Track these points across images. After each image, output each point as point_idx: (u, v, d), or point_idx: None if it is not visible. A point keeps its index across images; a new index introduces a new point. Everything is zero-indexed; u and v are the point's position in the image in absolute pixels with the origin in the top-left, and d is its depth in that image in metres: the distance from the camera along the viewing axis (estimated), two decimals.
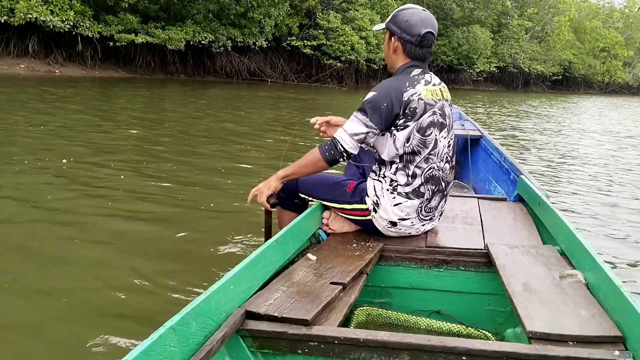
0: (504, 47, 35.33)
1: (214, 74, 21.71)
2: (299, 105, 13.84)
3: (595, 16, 50.77)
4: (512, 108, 17.89)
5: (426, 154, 2.18)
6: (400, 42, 2.22)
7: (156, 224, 3.55)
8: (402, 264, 2.15)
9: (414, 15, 2.20)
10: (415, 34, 2.18)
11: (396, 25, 2.22)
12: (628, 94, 48.41)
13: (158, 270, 2.81)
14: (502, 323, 2.07)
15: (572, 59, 41.49)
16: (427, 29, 2.18)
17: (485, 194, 3.63)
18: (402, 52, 2.23)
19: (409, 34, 2.19)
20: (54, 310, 2.36)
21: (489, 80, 35.59)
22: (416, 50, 2.21)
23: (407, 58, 2.24)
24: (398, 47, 2.23)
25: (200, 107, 11.18)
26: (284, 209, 2.49)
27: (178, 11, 19.27)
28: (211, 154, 6.17)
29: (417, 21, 2.18)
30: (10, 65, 16.36)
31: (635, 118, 18.52)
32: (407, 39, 2.20)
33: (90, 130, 7.08)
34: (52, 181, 4.42)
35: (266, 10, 20.16)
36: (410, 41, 2.19)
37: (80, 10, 16.52)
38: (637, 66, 50.08)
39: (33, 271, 2.73)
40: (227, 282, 1.54)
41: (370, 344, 1.44)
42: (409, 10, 2.23)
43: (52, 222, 3.45)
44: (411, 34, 2.19)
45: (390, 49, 2.27)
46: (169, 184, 4.58)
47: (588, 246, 1.86)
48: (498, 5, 33.90)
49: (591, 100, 30.14)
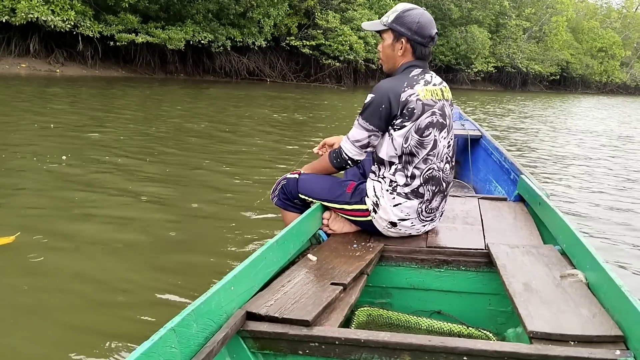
0: (502, 47, 35.34)
1: (213, 73, 21.75)
2: (300, 105, 13.83)
3: (593, 16, 50.73)
4: (505, 108, 17.91)
5: (425, 154, 2.17)
6: (411, 44, 2.18)
7: (155, 224, 3.52)
8: (402, 265, 2.14)
9: (423, 16, 2.18)
10: (427, 36, 2.17)
11: (405, 27, 2.18)
12: (625, 94, 48.39)
13: (157, 270, 2.79)
14: (503, 323, 2.07)
15: (569, 59, 41.48)
16: (434, 29, 2.18)
17: (485, 193, 3.63)
18: (411, 53, 2.21)
19: (421, 36, 2.17)
20: (52, 311, 2.34)
21: (487, 80, 35.60)
22: (425, 51, 2.21)
23: (411, 58, 2.22)
24: (408, 49, 2.20)
25: (199, 107, 11.16)
26: (286, 210, 2.50)
27: (178, 11, 19.30)
28: (210, 153, 6.15)
29: (427, 22, 2.17)
30: (11, 65, 16.41)
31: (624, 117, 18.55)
32: (419, 41, 2.17)
33: (89, 129, 7.07)
34: (50, 178, 4.41)
35: (265, 10, 20.19)
36: (421, 43, 2.18)
37: (81, 10, 16.58)
38: (634, 66, 50.03)
39: (30, 271, 2.70)
40: (228, 283, 1.53)
41: (371, 344, 1.44)
42: (416, 11, 2.19)
43: (51, 220, 3.42)
44: (423, 35, 2.17)
45: (396, 50, 2.22)
46: (168, 184, 4.55)
47: (589, 246, 1.85)
48: (496, 6, 33.88)
49: (586, 101, 30.11)
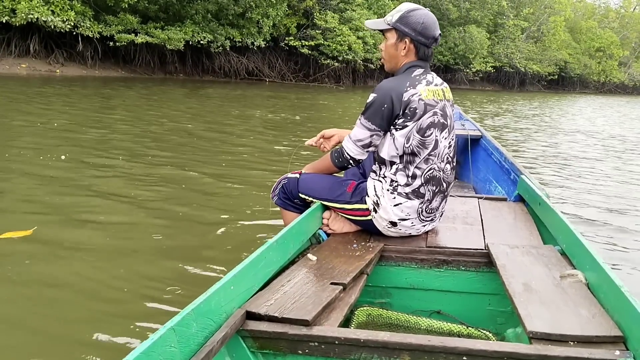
0: (500, 47, 35.44)
1: (212, 73, 21.78)
2: (297, 105, 13.85)
3: (591, 16, 50.89)
4: (505, 108, 17.95)
5: (426, 154, 2.17)
6: (414, 45, 2.18)
7: (154, 224, 3.52)
8: (402, 264, 2.14)
9: (427, 17, 2.18)
10: (431, 37, 2.17)
11: (409, 27, 2.17)
12: (624, 94, 48.53)
13: (157, 270, 2.78)
14: (503, 323, 2.07)
15: (567, 59, 41.59)
16: (438, 30, 2.18)
17: (485, 194, 3.62)
18: (414, 54, 2.20)
19: (424, 37, 2.16)
20: (52, 309, 2.33)
21: (486, 80, 35.70)
22: (427, 52, 2.20)
23: (415, 59, 2.22)
24: (411, 49, 2.20)
25: (198, 107, 11.18)
26: (285, 210, 2.50)
27: (177, 11, 19.34)
28: (208, 151, 6.14)
29: (431, 23, 2.17)
30: (11, 65, 16.46)
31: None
32: (423, 42, 2.17)
33: (88, 127, 7.07)
34: (49, 176, 4.42)
35: (264, 11, 20.24)
36: (425, 44, 2.18)
37: (81, 10, 16.64)
38: (632, 66, 50.19)
39: (30, 269, 2.69)
40: (228, 282, 1.53)
41: (370, 344, 1.44)
42: (421, 12, 2.19)
43: (50, 219, 3.41)
44: (427, 36, 2.16)
45: (399, 50, 2.22)
46: (167, 183, 4.55)
47: (588, 246, 1.85)
48: (494, 6, 33.99)
49: (583, 100, 30.15)
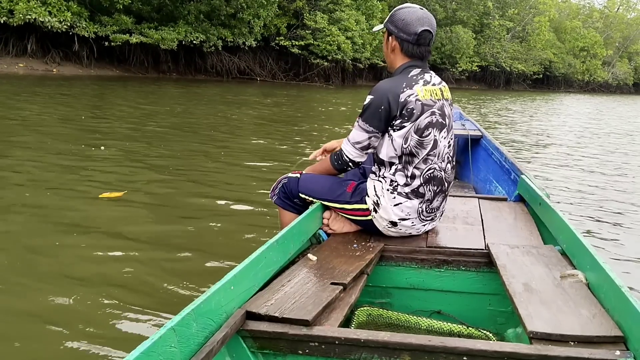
0: (486, 46, 35.92)
1: (205, 72, 22.09)
2: (288, 103, 13.96)
3: (576, 16, 51.41)
4: (492, 107, 18.13)
5: (425, 154, 2.16)
6: (398, 41, 2.20)
7: (153, 223, 3.51)
8: (402, 264, 2.13)
9: (411, 13, 2.18)
10: (412, 33, 2.16)
11: (393, 24, 2.21)
12: (607, 93, 49.10)
13: (157, 271, 2.78)
14: (503, 323, 2.06)
15: (552, 58, 42.10)
16: (423, 27, 2.16)
17: (485, 193, 3.61)
18: (400, 51, 2.22)
19: (405, 33, 2.17)
20: (52, 308, 2.32)
21: (472, 79, 36.13)
22: (414, 49, 2.19)
23: (405, 57, 2.22)
24: (396, 46, 2.22)
25: (192, 105, 11.20)
26: (284, 210, 2.48)
27: (170, 12, 19.62)
28: (206, 151, 6.11)
29: (413, 19, 2.16)
30: (9, 65, 16.70)
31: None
32: (404, 38, 2.18)
33: (87, 127, 7.09)
34: (47, 175, 4.41)
35: (255, 11, 20.59)
36: (407, 40, 2.17)
37: (77, 11, 16.95)
38: (616, 65, 50.96)
39: (30, 268, 2.69)
40: (228, 282, 1.52)
41: (371, 344, 1.43)
42: (406, 9, 2.21)
43: (50, 218, 3.40)
44: (408, 32, 2.17)
45: (389, 49, 2.26)
46: (166, 183, 4.53)
47: (589, 246, 1.84)
48: (480, 6, 34.50)
49: (567, 100, 30.28)
